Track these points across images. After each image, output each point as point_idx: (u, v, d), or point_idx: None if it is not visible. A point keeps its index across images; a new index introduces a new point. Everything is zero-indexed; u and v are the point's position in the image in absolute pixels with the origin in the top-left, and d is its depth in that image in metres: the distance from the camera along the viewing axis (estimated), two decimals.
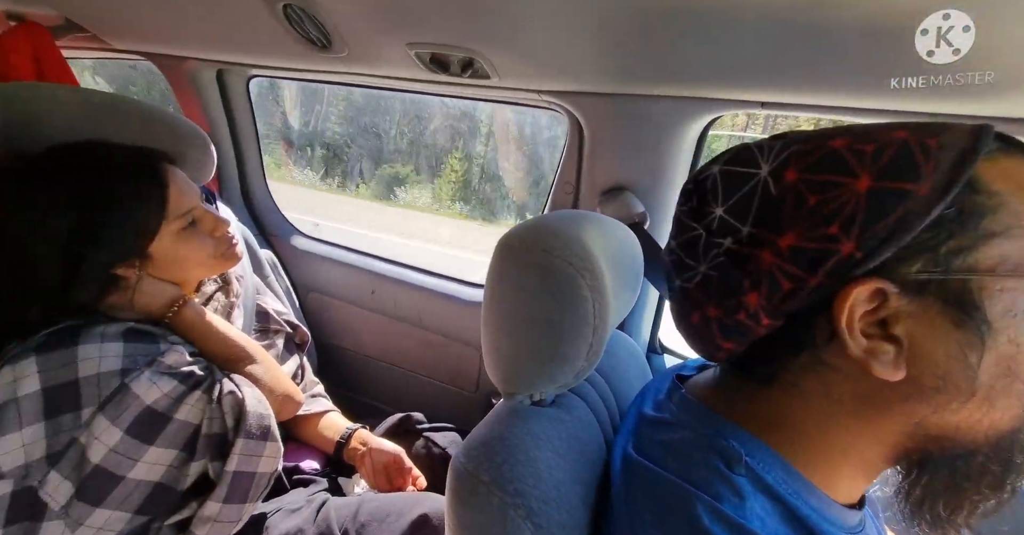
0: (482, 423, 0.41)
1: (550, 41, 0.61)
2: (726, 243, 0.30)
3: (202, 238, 0.68)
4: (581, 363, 0.37)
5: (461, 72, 0.68)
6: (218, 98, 1.13)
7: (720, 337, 0.31)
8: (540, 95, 0.74)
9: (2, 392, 0.51)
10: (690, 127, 0.68)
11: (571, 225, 0.41)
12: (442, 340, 1.05)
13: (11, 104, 0.67)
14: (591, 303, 0.36)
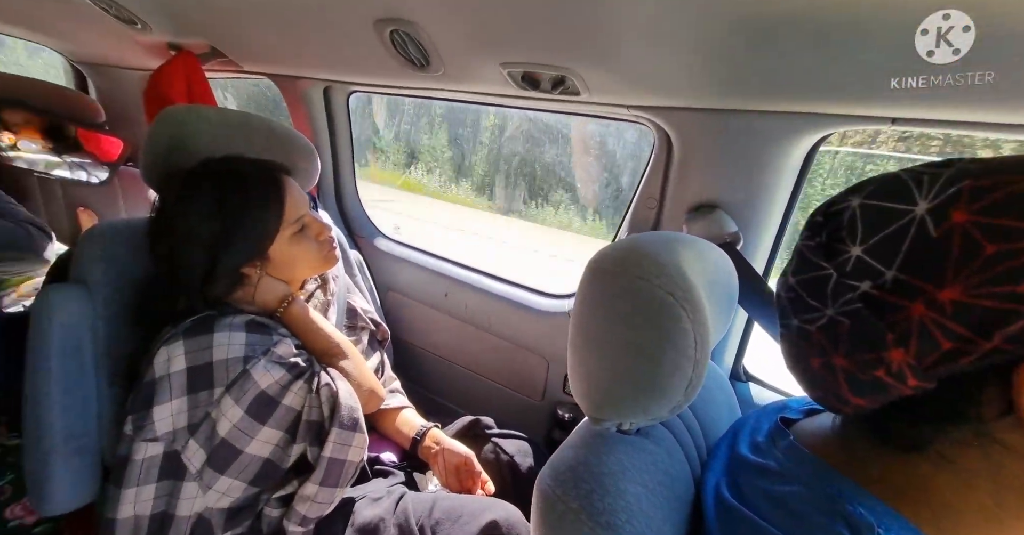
0: (567, 445, 0.41)
1: (646, 58, 0.60)
2: (863, 287, 0.27)
3: (309, 241, 0.76)
4: (679, 398, 0.36)
5: (552, 89, 0.69)
6: (323, 112, 1.26)
7: (849, 391, 0.28)
8: (629, 110, 0.73)
9: (159, 368, 0.61)
10: (797, 144, 0.63)
11: (666, 249, 0.40)
12: (510, 347, 1.07)
13: (172, 125, 0.80)
14: (692, 336, 0.35)
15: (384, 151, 5.06)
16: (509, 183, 5.12)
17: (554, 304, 1.03)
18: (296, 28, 0.94)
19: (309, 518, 0.61)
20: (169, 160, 0.80)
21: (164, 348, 0.62)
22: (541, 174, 4.90)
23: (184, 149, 0.79)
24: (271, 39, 1.04)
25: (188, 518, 0.59)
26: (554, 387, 1.01)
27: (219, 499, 0.61)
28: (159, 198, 0.71)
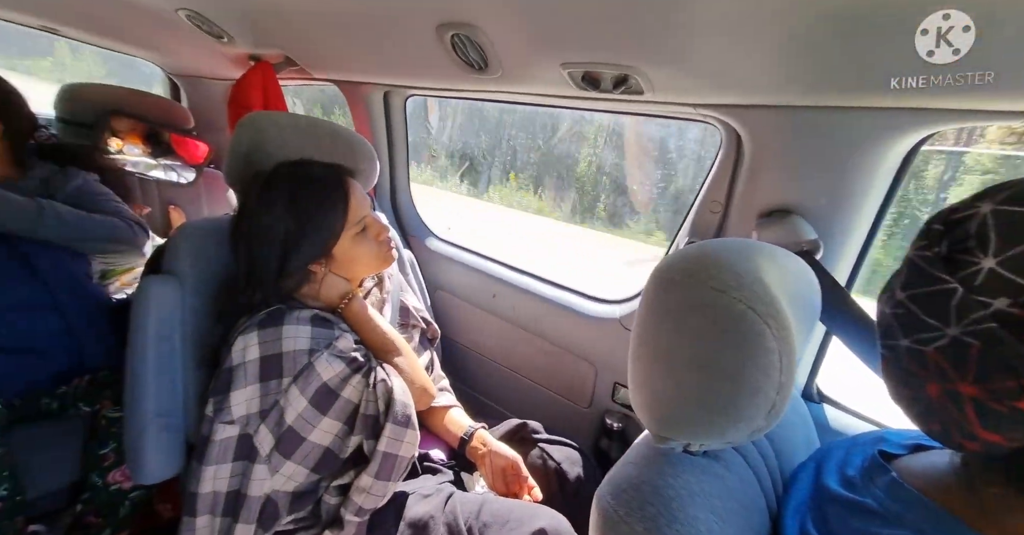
0: (627, 461, 0.39)
1: (720, 54, 0.56)
2: (997, 304, 0.23)
3: (370, 241, 0.79)
4: (759, 423, 0.33)
5: (613, 88, 0.67)
6: (383, 115, 1.31)
7: (979, 424, 0.24)
8: (696, 108, 0.69)
9: (236, 356, 0.66)
10: (897, 143, 0.56)
11: (743, 258, 0.37)
12: (558, 351, 1.06)
13: (251, 131, 0.87)
14: (778, 356, 0.32)
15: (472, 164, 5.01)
16: (557, 185, 5.04)
17: (604, 309, 1.00)
18: (362, 36, 0.98)
19: (364, 509, 0.64)
20: (248, 163, 0.86)
21: (241, 337, 0.67)
22: (587, 174, 4.80)
23: (261, 152, 0.86)
24: (339, 48, 1.09)
25: (258, 498, 0.63)
26: (602, 395, 0.98)
27: (285, 482, 0.64)
28: (240, 199, 0.77)
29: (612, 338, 0.96)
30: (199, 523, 0.62)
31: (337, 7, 0.89)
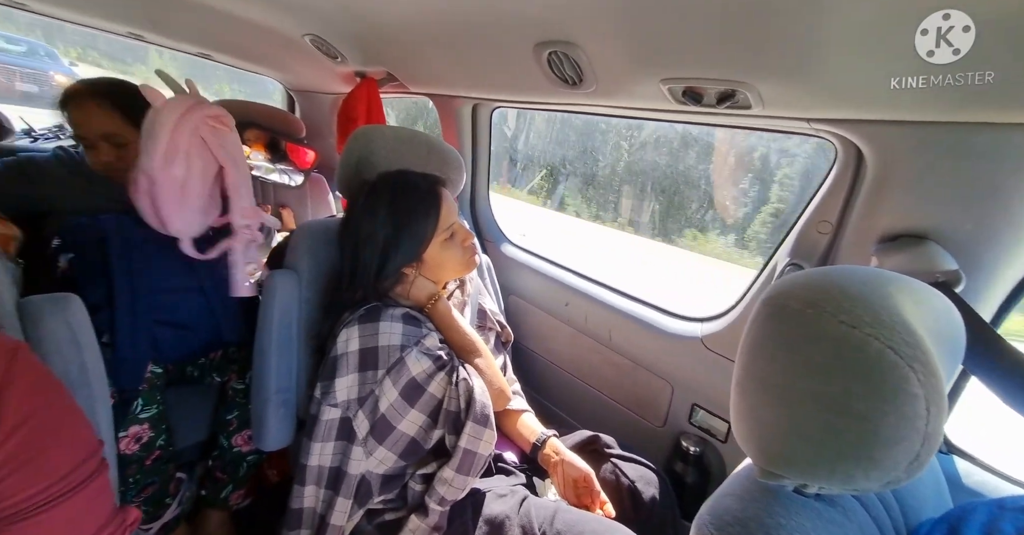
0: (727, 493, 0.38)
1: (844, 66, 0.52)
2: None
3: (456, 247, 0.84)
4: (898, 474, 0.31)
5: (717, 103, 0.65)
6: (470, 126, 1.38)
7: None
8: (810, 123, 0.64)
9: (340, 347, 0.74)
10: None
11: (876, 290, 0.34)
12: (631, 365, 1.04)
13: (361, 143, 0.96)
14: (924, 403, 0.29)
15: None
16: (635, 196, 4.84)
17: (685, 327, 0.96)
18: (461, 54, 1.05)
19: (446, 499, 0.68)
20: (357, 172, 0.96)
21: (344, 330, 0.75)
22: (668, 187, 4.56)
23: (368, 163, 0.95)
24: (437, 64, 1.17)
25: (355, 476, 0.70)
26: (678, 415, 0.94)
27: (377, 465, 0.71)
28: (348, 205, 0.86)
29: (692, 358, 0.92)
30: (307, 491, 0.70)
31: (441, 29, 0.96)
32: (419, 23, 0.98)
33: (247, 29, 1.29)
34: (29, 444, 0.40)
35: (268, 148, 1.74)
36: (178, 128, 0.80)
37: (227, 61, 1.70)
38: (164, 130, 0.79)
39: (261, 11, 1.16)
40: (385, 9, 0.98)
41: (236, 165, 0.89)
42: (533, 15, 0.75)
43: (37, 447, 0.40)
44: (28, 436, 0.40)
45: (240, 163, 0.90)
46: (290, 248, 0.91)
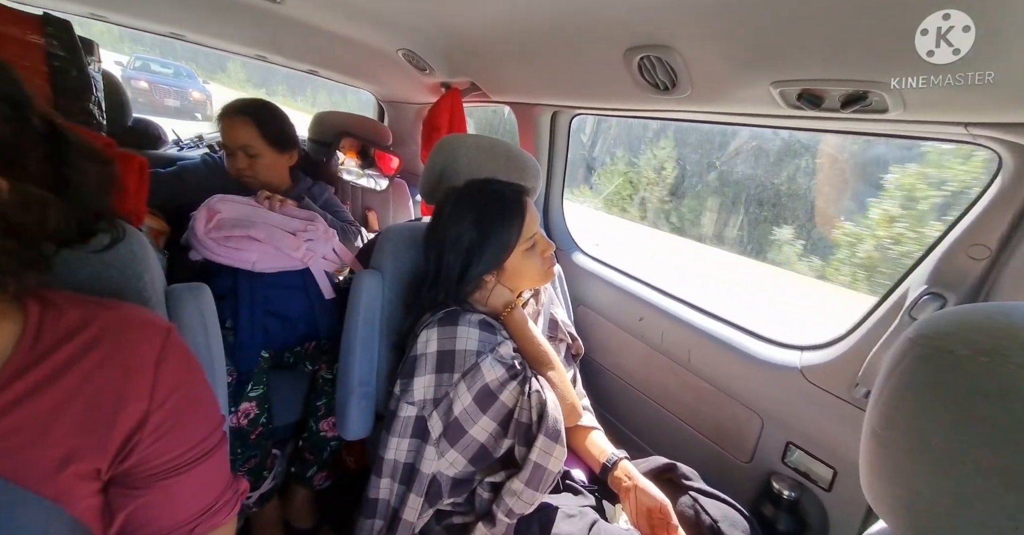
0: None
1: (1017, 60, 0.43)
2: None
3: (536, 257, 0.84)
4: None
5: (841, 107, 0.57)
6: (547, 133, 1.37)
7: None
8: (968, 128, 0.54)
9: (420, 347, 0.77)
10: None
11: None
12: (713, 391, 0.95)
13: (445, 151, 1.00)
14: None
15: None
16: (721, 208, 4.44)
17: (781, 355, 0.86)
18: (544, 62, 1.04)
19: (514, 512, 0.67)
20: (442, 179, 1.00)
21: (425, 331, 0.78)
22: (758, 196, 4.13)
23: (452, 170, 0.98)
24: (520, 73, 1.19)
25: (427, 475, 0.72)
26: (769, 452, 0.85)
27: (448, 467, 0.72)
28: (435, 210, 0.89)
29: (788, 389, 0.82)
30: (382, 483, 0.74)
31: (527, 39, 0.97)
32: (506, 35, 1.00)
33: (349, 46, 1.41)
34: (175, 413, 0.46)
35: (359, 155, 1.88)
36: (207, 248, 0.93)
37: (330, 76, 1.88)
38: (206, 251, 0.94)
39: (362, 29, 1.26)
40: (475, 23, 1.01)
41: (251, 227, 0.97)
42: (625, 21, 0.72)
43: (180, 416, 0.46)
44: (175, 405, 0.46)
45: (257, 227, 0.98)
46: (376, 249, 0.97)
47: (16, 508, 0.37)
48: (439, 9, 0.99)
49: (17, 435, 0.37)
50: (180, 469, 0.46)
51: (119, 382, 0.43)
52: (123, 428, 0.42)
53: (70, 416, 0.40)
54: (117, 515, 0.43)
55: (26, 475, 0.37)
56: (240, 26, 1.42)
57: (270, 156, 1.10)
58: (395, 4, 1.03)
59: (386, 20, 1.15)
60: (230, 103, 1.10)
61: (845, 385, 0.72)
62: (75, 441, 0.40)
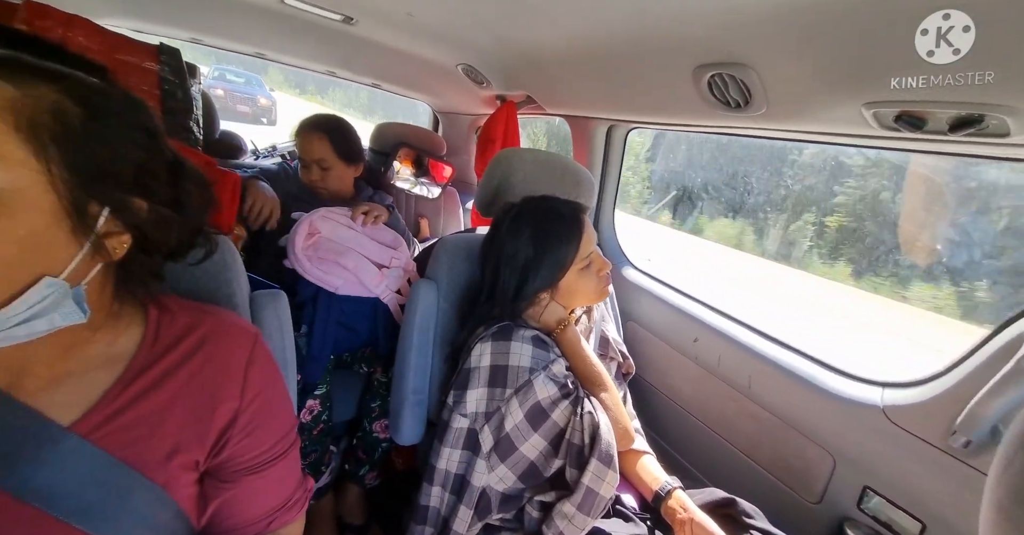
0: None
1: None
2: None
3: (591, 276, 0.83)
4: None
5: (949, 130, 0.52)
6: (602, 147, 1.36)
7: None
8: None
9: (474, 360, 0.78)
10: None
11: None
12: (777, 423, 0.89)
13: (503, 165, 1.02)
14: None
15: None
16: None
17: (857, 389, 0.80)
18: (605, 77, 1.04)
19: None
20: (498, 193, 1.02)
21: (479, 345, 0.79)
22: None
23: (509, 182, 1.00)
24: (577, 87, 1.18)
25: (477, 488, 0.73)
26: (841, 495, 0.78)
27: (497, 482, 0.73)
28: (492, 226, 0.90)
29: (868, 430, 0.75)
30: (433, 491, 0.76)
31: (589, 54, 0.97)
32: (568, 50, 1.00)
33: (411, 61, 1.48)
34: (260, 413, 0.49)
35: (414, 164, 1.96)
36: (300, 264, 1.01)
37: (392, 89, 1.97)
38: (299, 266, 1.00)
39: (425, 45, 1.32)
40: (538, 39, 1.02)
41: (343, 254, 1.05)
42: (698, 38, 0.70)
43: (264, 416, 0.50)
44: (261, 406, 0.49)
45: (348, 256, 1.06)
46: (432, 259, 1.00)
47: (133, 491, 0.41)
48: (505, 26, 1.01)
49: (137, 427, 0.42)
50: (262, 466, 0.50)
51: (216, 382, 0.47)
52: (218, 424, 0.46)
53: (178, 411, 0.44)
54: (209, 504, 0.47)
55: (142, 463, 0.42)
56: (316, 46, 1.53)
57: (340, 169, 1.17)
58: (460, 21, 1.07)
59: (449, 37, 1.19)
60: (308, 120, 1.18)
61: (939, 431, 0.65)
62: (181, 434, 0.44)
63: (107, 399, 0.41)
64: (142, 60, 0.90)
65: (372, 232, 1.12)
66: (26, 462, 0.37)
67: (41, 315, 0.35)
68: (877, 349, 3.06)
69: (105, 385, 0.42)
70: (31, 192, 0.33)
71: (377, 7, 1.09)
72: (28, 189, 0.33)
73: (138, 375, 0.43)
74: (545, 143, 3.96)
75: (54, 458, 0.38)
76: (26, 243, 0.33)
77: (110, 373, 0.42)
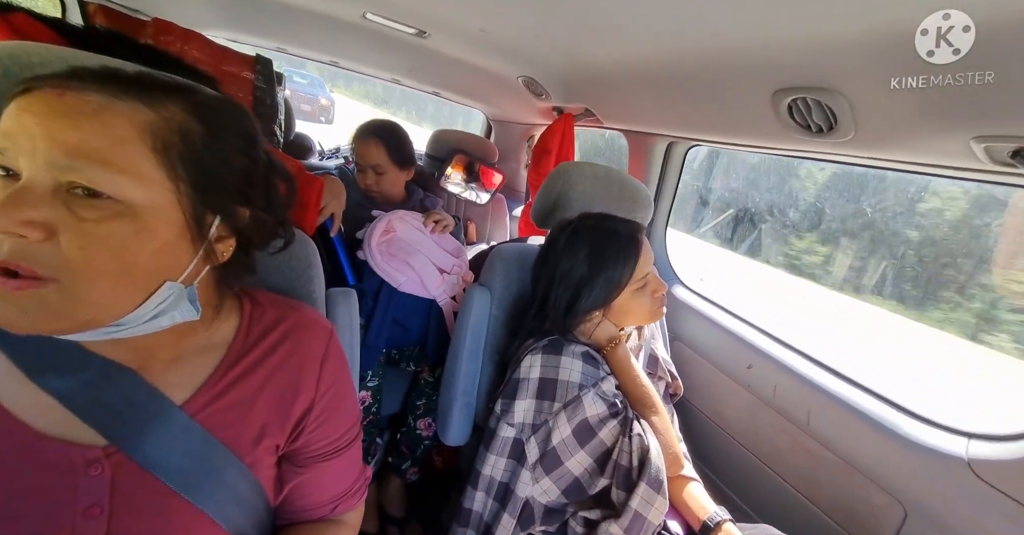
0: None
1: None
2: None
3: (646, 297, 0.82)
4: None
5: None
6: (660, 163, 1.34)
7: None
8: None
9: (523, 371, 0.78)
10: None
11: None
12: (838, 463, 0.84)
13: (561, 179, 1.02)
14: None
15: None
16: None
17: (937, 438, 0.74)
18: (671, 95, 1.03)
19: None
20: (556, 206, 1.03)
21: (528, 356, 0.80)
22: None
23: (567, 196, 1.00)
24: (640, 102, 1.18)
25: (521, 498, 0.74)
26: None
27: (541, 494, 0.73)
28: (548, 239, 0.91)
29: (949, 484, 0.70)
30: (477, 497, 0.77)
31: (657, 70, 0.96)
32: (634, 66, 1.00)
33: (474, 73, 1.52)
34: (331, 404, 0.53)
35: (465, 169, 2.01)
36: (373, 256, 1.06)
37: (451, 97, 2.04)
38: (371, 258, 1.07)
39: (490, 58, 1.36)
40: (604, 54, 1.03)
41: (412, 254, 1.10)
42: (782, 61, 0.69)
43: (334, 408, 0.53)
44: (332, 398, 0.53)
45: (417, 257, 1.11)
46: (486, 266, 1.02)
47: (226, 468, 0.45)
48: (574, 43, 1.03)
49: (232, 410, 0.46)
50: (331, 455, 0.53)
51: (297, 373, 0.50)
52: (296, 412, 0.50)
53: (265, 398, 0.48)
54: (285, 486, 0.51)
55: (234, 443, 0.46)
56: (387, 56, 1.61)
57: (394, 173, 1.23)
58: (530, 37, 1.09)
59: (517, 51, 1.22)
60: (367, 126, 1.23)
61: None
62: (267, 419, 0.48)
63: (209, 383, 0.45)
64: (241, 70, 0.99)
65: (439, 239, 1.16)
66: (151, 435, 0.41)
67: (164, 313, 0.39)
68: (960, 393, 2.75)
69: (208, 370, 0.46)
70: (164, 208, 0.36)
71: (452, 22, 1.13)
72: (162, 206, 0.36)
73: (234, 363, 0.47)
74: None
75: (169, 433, 0.42)
76: (158, 253, 0.37)
77: (212, 359, 0.46)
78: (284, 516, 0.53)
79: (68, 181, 0.33)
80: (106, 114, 0.34)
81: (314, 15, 1.31)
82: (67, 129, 0.32)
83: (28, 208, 0.31)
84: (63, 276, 0.32)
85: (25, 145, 0.32)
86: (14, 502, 0.36)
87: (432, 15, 1.12)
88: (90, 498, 0.39)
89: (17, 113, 0.33)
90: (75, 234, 0.32)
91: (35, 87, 0.34)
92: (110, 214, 0.33)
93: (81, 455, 0.39)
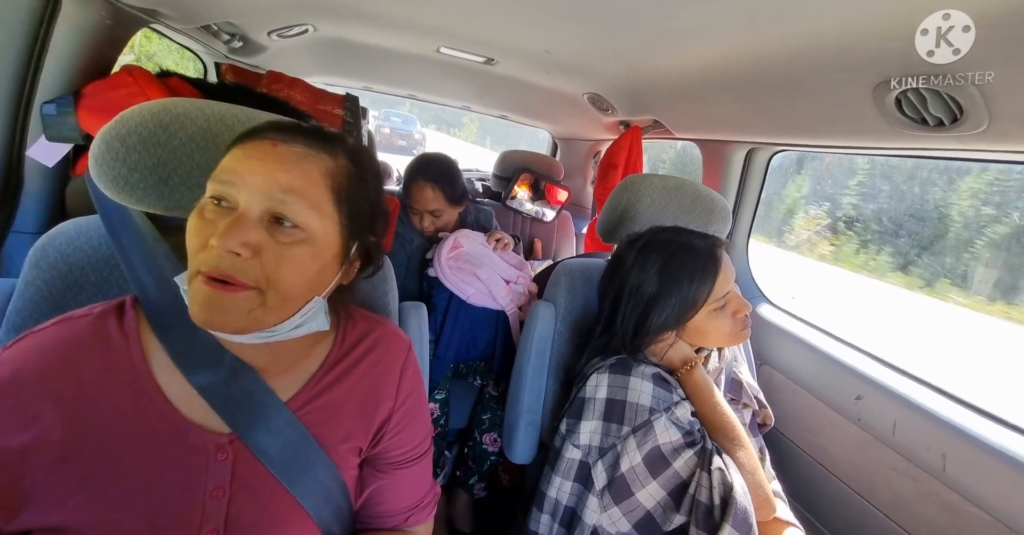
0: None
1: None
2: None
3: (726, 318, 0.75)
4: None
5: None
6: (739, 172, 1.25)
7: None
8: None
9: (589, 390, 0.75)
10: None
11: None
12: (990, 522, 0.69)
13: (629, 191, 0.99)
14: None
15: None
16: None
17: None
18: (749, 99, 0.96)
19: None
20: (623, 219, 0.99)
21: (595, 375, 0.76)
22: None
23: (634, 210, 0.97)
24: (714, 110, 1.12)
25: (588, 526, 0.70)
26: None
27: (610, 524, 0.69)
28: (615, 254, 0.88)
29: None
30: (543, 520, 0.74)
31: (731, 75, 0.91)
32: (703, 72, 0.96)
33: (539, 93, 1.57)
34: (408, 414, 0.55)
35: (531, 187, 2.05)
36: (442, 271, 1.12)
37: (518, 119, 2.12)
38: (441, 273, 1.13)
39: (553, 77, 1.39)
40: (670, 63, 1.00)
41: (479, 267, 1.14)
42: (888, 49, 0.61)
43: (411, 418, 0.56)
44: (410, 407, 0.56)
45: (483, 269, 1.15)
46: (551, 282, 1.01)
47: (317, 464, 0.49)
48: (639, 55, 1.01)
49: (325, 411, 0.50)
50: (407, 463, 0.56)
51: (379, 383, 0.54)
52: (378, 420, 0.53)
53: (352, 403, 0.52)
54: (366, 488, 0.54)
55: (325, 442, 0.49)
56: (458, 85, 1.73)
57: (450, 213, 1.22)
58: (594, 52, 1.10)
59: (582, 68, 1.24)
60: (416, 167, 1.19)
61: None
62: (352, 423, 0.51)
63: (310, 385, 0.50)
64: (334, 108, 1.12)
65: (502, 254, 1.21)
66: (262, 426, 0.47)
67: (305, 324, 0.46)
68: None
69: (309, 374, 0.51)
70: (330, 236, 0.44)
71: (517, 47, 1.18)
72: (330, 234, 0.44)
73: (330, 369, 0.52)
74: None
75: (276, 426, 0.47)
76: (320, 272, 0.45)
77: (313, 364, 0.52)
78: (361, 520, 0.56)
79: (273, 211, 0.41)
80: (306, 162, 0.43)
81: (394, 54, 1.46)
82: (281, 172, 0.41)
83: (245, 232, 0.39)
84: (263, 286, 0.40)
85: (248, 180, 0.41)
86: (164, 472, 0.43)
87: (499, 42, 1.18)
88: (217, 480, 0.44)
89: (243, 156, 0.42)
90: (273, 254, 0.41)
91: (254, 137, 0.43)
92: (299, 239, 0.42)
93: (213, 441, 0.45)
